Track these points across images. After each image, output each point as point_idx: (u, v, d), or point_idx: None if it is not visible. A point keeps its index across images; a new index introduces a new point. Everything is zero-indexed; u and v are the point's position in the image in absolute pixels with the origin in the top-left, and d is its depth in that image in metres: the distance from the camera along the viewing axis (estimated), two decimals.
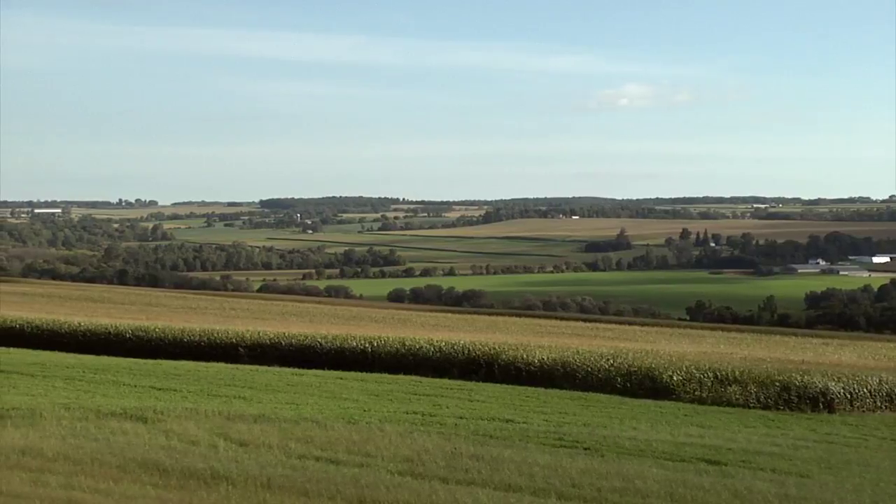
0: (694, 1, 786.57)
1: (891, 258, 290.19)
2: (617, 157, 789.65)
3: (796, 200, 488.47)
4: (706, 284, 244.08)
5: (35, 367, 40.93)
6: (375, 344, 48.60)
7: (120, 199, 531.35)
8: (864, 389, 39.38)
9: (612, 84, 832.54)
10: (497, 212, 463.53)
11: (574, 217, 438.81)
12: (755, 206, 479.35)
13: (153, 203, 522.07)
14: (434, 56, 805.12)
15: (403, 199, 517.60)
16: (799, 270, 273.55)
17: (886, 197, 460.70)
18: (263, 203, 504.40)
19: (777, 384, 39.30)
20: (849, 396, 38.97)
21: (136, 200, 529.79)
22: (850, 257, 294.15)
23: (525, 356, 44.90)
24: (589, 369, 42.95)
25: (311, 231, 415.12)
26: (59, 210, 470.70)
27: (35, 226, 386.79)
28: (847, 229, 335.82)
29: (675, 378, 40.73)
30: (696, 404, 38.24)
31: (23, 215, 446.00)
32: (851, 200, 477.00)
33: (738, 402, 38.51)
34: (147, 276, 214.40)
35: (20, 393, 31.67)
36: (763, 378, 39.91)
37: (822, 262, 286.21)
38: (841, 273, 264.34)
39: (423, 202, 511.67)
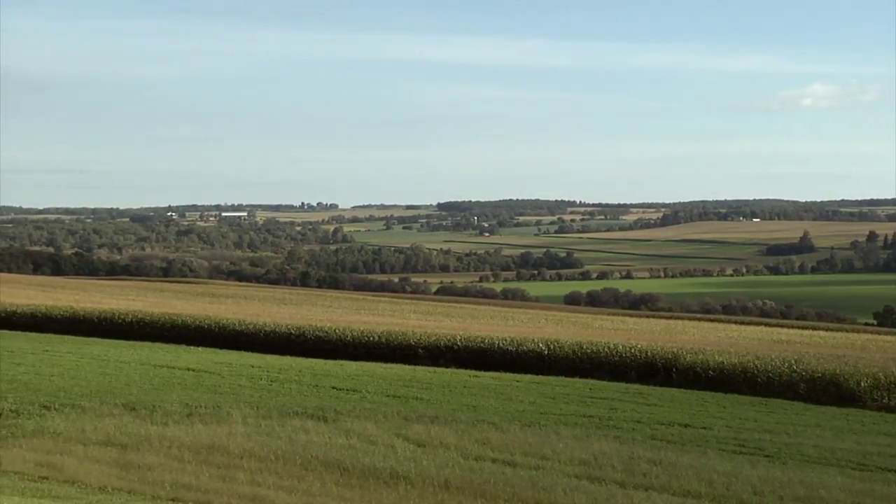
0: None
1: None
2: (800, 158, 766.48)
3: None
4: (895, 288, 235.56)
5: (222, 365, 42.29)
6: (552, 346, 48.41)
7: (302, 203, 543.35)
8: None
9: (796, 84, 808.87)
10: (675, 214, 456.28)
11: (755, 220, 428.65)
12: None
13: (334, 206, 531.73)
14: (612, 58, 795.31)
15: (580, 201, 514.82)
16: None
17: None
18: (441, 206, 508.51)
19: None
20: None
21: (318, 204, 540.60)
22: None
23: (704, 360, 44.12)
24: (770, 374, 41.96)
25: (487, 234, 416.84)
26: (245, 213, 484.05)
27: (222, 228, 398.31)
28: None
29: (862, 385, 39.42)
30: (885, 412, 36.97)
31: (211, 218, 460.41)
32: None
33: None
34: (328, 278, 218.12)
35: (207, 391, 32.76)
36: None
37: None
38: None
39: (599, 205, 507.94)
